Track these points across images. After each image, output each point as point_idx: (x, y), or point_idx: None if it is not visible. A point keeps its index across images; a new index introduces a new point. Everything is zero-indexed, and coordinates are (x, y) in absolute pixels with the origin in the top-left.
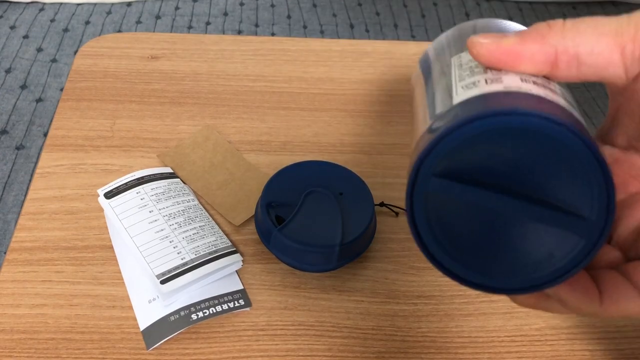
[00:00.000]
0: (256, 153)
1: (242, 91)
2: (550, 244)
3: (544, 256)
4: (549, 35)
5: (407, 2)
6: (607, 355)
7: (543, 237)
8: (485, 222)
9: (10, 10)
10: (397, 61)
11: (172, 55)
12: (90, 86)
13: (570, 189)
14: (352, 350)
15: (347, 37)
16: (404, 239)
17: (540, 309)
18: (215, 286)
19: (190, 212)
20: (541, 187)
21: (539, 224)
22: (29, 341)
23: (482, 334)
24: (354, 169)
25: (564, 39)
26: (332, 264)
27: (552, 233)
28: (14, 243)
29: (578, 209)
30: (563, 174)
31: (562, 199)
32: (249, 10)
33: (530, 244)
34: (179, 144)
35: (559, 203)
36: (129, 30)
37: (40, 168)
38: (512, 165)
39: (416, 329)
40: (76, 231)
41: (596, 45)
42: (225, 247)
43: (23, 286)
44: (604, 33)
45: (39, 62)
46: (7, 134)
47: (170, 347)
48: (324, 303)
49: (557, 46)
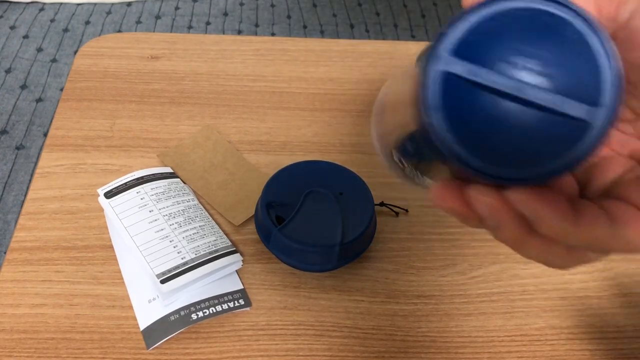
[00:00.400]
0: (256, 153)
1: (242, 91)
2: (561, 134)
3: (555, 146)
4: None
5: (407, 2)
6: (607, 355)
7: (554, 126)
8: (500, 110)
9: (10, 10)
10: (397, 61)
11: (172, 55)
12: (90, 86)
13: (582, 79)
14: (352, 350)
15: (347, 37)
16: (404, 238)
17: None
18: (215, 286)
19: (190, 211)
20: (557, 75)
21: (551, 112)
22: (29, 341)
23: (482, 333)
24: (354, 169)
25: None
26: (332, 264)
27: (562, 123)
28: (14, 243)
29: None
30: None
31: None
32: (249, 10)
33: (542, 134)
34: (179, 144)
35: (573, 92)
36: (129, 30)
37: (40, 168)
38: (526, 53)
39: (416, 328)
40: (76, 231)
41: (579, 2)
42: (225, 247)
43: (23, 286)
44: None
45: (39, 62)
46: (7, 134)
47: (170, 347)
48: (324, 303)
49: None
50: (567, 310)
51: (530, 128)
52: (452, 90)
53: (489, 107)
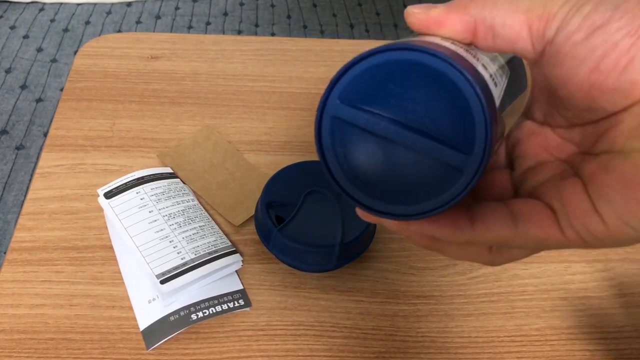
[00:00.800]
0: (256, 153)
1: (242, 91)
2: (436, 176)
3: (431, 187)
4: (470, 6)
5: (407, 2)
6: (607, 355)
7: (430, 169)
8: (381, 151)
9: (10, 10)
10: None
11: (172, 55)
12: (90, 86)
13: (456, 127)
14: (352, 350)
15: (347, 37)
16: (404, 239)
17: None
18: (215, 286)
19: (190, 212)
20: (432, 122)
21: (427, 157)
22: (29, 341)
23: (482, 334)
24: None
25: (483, 10)
26: (332, 264)
27: (437, 166)
28: (14, 243)
29: (462, 147)
30: (450, 111)
31: (449, 136)
32: (249, 10)
33: (420, 175)
34: (179, 144)
35: (446, 139)
36: (129, 30)
37: (40, 168)
38: (406, 98)
39: (416, 329)
40: (76, 231)
41: (509, 19)
42: (225, 247)
43: (23, 286)
44: (518, 9)
45: (39, 62)
46: (7, 134)
47: (170, 347)
48: (324, 303)
49: (476, 16)
50: (567, 310)
51: (408, 169)
52: (340, 133)
53: (371, 148)
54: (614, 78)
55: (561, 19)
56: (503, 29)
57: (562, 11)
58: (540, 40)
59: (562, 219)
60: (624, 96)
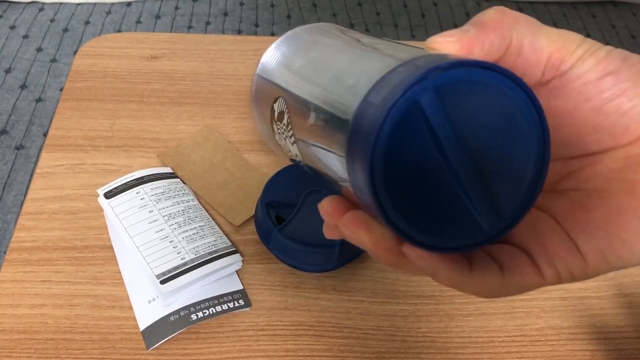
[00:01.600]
0: (256, 153)
1: (242, 91)
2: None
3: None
4: (506, 25)
5: (407, 2)
6: (607, 355)
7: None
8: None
9: (10, 10)
10: None
11: (172, 55)
12: (90, 86)
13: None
14: (352, 350)
15: None
16: None
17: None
18: (215, 286)
19: (190, 212)
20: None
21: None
22: (29, 341)
23: (482, 334)
24: None
25: (520, 28)
26: (332, 264)
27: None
28: (13, 243)
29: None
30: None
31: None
32: (249, 10)
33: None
34: (179, 144)
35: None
36: (128, 30)
37: (40, 168)
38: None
39: (416, 329)
40: (76, 231)
41: (537, 42)
42: (225, 247)
43: (23, 286)
44: (544, 35)
45: (39, 62)
46: (7, 134)
47: (170, 347)
48: (324, 303)
49: (514, 34)
50: (567, 310)
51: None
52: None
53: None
54: (612, 120)
55: (578, 57)
56: (529, 50)
57: (579, 50)
58: (552, 70)
59: (540, 260)
60: (612, 138)
